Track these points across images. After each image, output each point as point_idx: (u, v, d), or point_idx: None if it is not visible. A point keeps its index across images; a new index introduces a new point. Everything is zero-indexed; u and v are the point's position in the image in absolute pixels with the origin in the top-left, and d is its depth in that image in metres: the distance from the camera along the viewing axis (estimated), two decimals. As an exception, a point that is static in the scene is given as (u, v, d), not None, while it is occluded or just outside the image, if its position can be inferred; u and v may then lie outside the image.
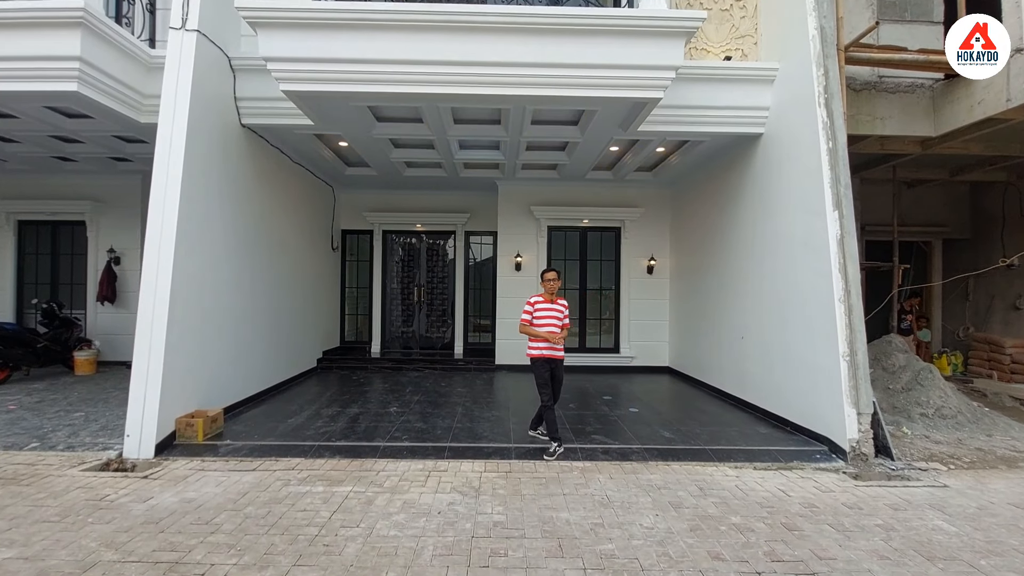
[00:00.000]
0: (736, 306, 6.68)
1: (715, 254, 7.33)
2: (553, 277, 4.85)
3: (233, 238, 5.90)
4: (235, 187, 5.93)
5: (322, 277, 9.10)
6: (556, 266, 9.12)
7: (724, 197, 7.11)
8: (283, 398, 6.59)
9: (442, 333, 10.28)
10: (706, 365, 7.62)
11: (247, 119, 5.96)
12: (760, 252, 6.13)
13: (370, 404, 6.31)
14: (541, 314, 4.79)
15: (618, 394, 7.22)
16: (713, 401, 6.82)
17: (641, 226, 9.18)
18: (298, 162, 7.69)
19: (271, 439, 4.86)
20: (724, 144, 6.69)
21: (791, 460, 4.66)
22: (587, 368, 9.04)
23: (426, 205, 9.97)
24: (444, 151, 7.26)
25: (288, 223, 7.48)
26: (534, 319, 4.78)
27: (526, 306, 4.86)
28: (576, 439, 4.99)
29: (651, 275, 9.17)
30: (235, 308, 5.93)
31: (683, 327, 8.59)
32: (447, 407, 6.22)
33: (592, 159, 7.59)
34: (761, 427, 5.57)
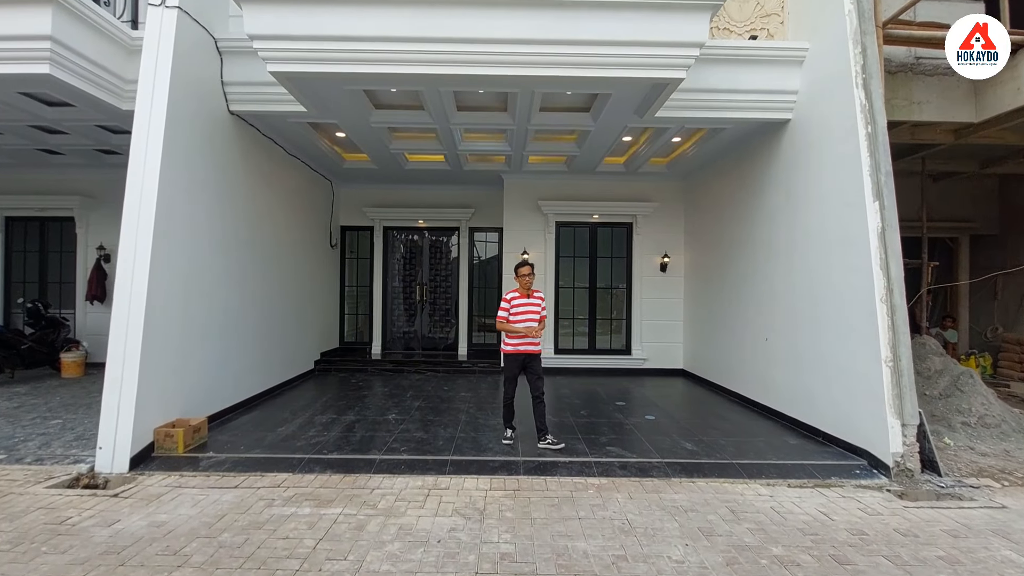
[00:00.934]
0: (759, 305, 6.23)
1: (735, 250, 6.88)
2: (528, 272, 4.78)
3: (221, 234, 5.51)
4: (223, 179, 5.54)
5: (320, 275, 8.71)
6: (565, 263, 8.78)
7: (745, 190, 6.66)
8: (276, 404, 6.21)
9: (445, 333, 9.88)
10: (725, 368, 7.18)
11: (235, 106, 5.56)
12: (787, 247, 5.68)
13: (368, 410, 5.91)
14: (518, 310, 4.76)
15: (632, 399, 6.79)
16: (734, 408, 6.38)
17: (654, 221, 8.73)
18: (293, 154, 7.30)
19: (258, 451, 4.47)
20: (747, 132, 6.23)
21: (828, 476, 4.22)
22: (597, 371, 8.61)
23: (429, 200, 9.57)
24: (447, 141, 6.84)
25: (283, 218, 7.09)
26: (511, 316, 4.76)
27: (502, 303, 4.86)
28: (590, 451, 4.57)
29: (664, 273, 8.73)
30: (223, 308, 5.55)
31: (699, 328, 8.14)
32: (449, 414, 5.81)
33: (604, 150, 7.15)
34: (790, 437, 5.13)
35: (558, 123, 6.16)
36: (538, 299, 4.87)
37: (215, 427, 5.15)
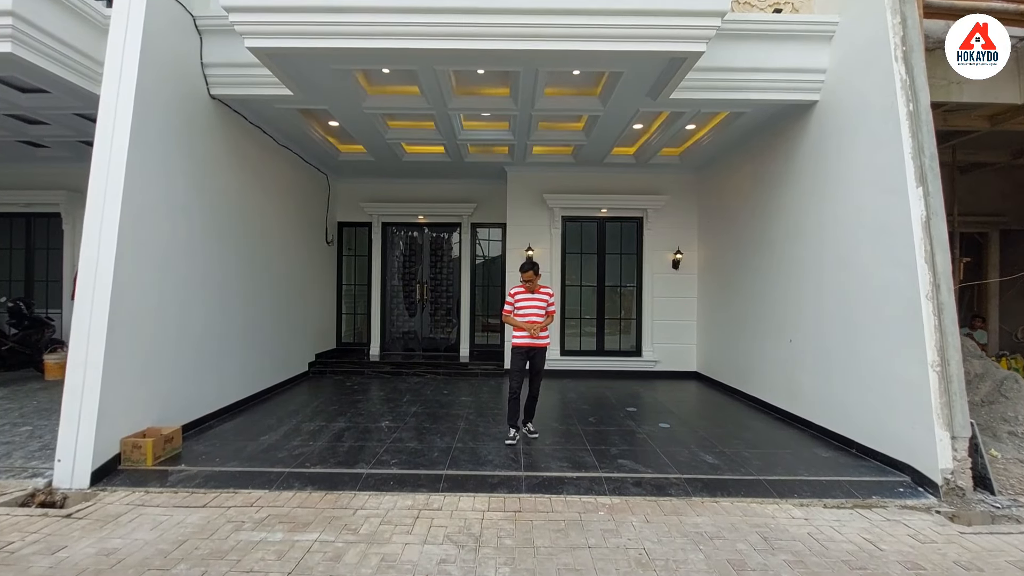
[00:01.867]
0: (783, 304, 5.76)
1: (755, 245, 6.41)
2: (530, 278, 4.72)
3: (202, 228, 5.12)
4: (204, 169, 5.15)
5: (315, 273, 8.33)
6: (571, 260, 8.34)
7: (766, 180, 6.19)
8: (263, 409, 5.81)
9: (447, 334, 9.47)
10: (744, 372, 6.70)
11: (217, 89, 5.18)
12: (815, 241, 5.21)
13: (360, 417, 5.50)
14: (522, 305, 4.74)
15: (643, 405, 6.34)
16: (756, 415, 5.90)
17: (666, 215, 8.26)
18: (285, 145, 6.92)
19: (234, 463, 4.07)
20: (769, 116, 5.76)
21: (868, 495, 3.75)
22: (606, 373, 8.16)
23: (429, 195, 9.16)
24: (446, 130, 6.43)
25: (273, 213, 6.70)
26: (516, 311, 4.75)
27: (508, 297, 4.86)
28: (600, 465, 4.13)
29: (677, 270, 8.26)
30: (204, 307, 5.16)
31: (714, 328, 7.67)
32: (447, 421, 5.39)
33: (613, 138, 6.70)
34: (820, 449, 4.66)
35: (564, 107, 5.72)
36: (544, 294, 4.78)
37: (194, 435, 4.76)
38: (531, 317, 4.69)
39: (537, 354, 4.75)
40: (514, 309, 4.77)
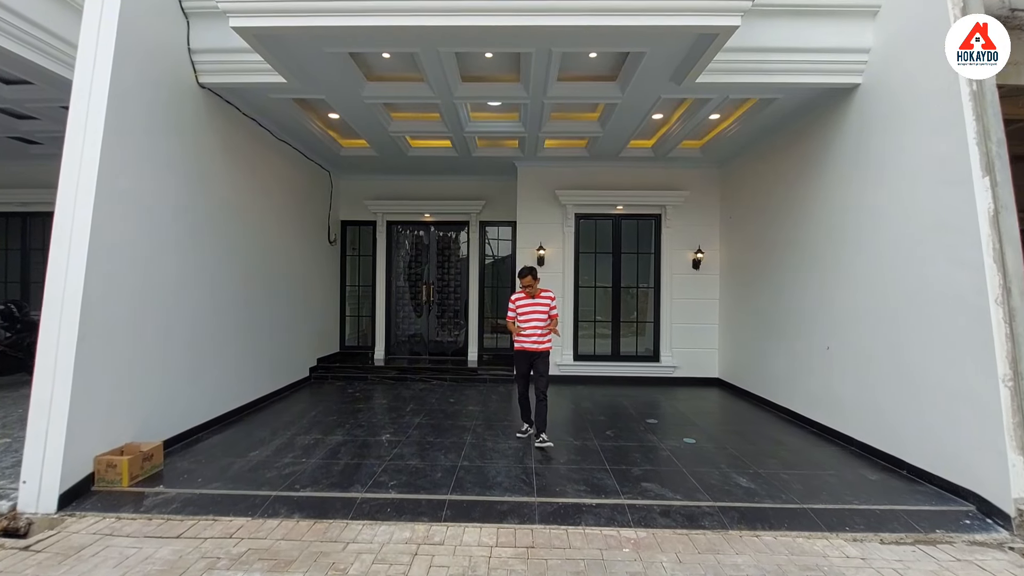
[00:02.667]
0: (818, 308, 5.28)
1: (785, 243, 5.93)
2: (529, 283, 4.76)
3: (191, 227, 4.78)
4: (192, 163, 4.80)
5: (317, 274, 7.98)
6: (585, 260, 7.92)
7: (797, 173, 5.71)
8: (258, 419, 5.46)
9: (454, 337, 9.07)
10: (773, 380, 6.22)
11: (206, 77, 4.83)
12: (856, 239, 4.73)
13: (359, 429, 5.12)
14: (524, 311, 4.78)
15: (664, 416, 5.88)
16: (788, 428, 5.43)
17: (686, 212, 7.79)
18: (283, 139, 6.56)
19: (217, 484, 3.70)
20: (802, 102, 5.29)
21: (931, 528, 3.28)
22: (622, 380, 7.71)
23: (435, 192, 8.77)
24: (452, 121, 6.03)
25: (271, 211, 6.35)
26: (518, 318, 4.80)
27: (509, 303, 4.93)
28: (622, 488, 3.69)
29: (697, 270, 7.78)
30: (193, 311, 4.81)
31: (738, 332, 7.18)
32: (453, 434, 4.99)
33: (631, 129, 6.25)
34: (867, 470, 4.18)
35: (579, 95, 5.28)
36: (546, 299, 4.80)
37: (179, 450, 4.42)
38: (533, 322, 4.74)
39: (539, 358, 4.78)
40: (516, 316, 4.82)
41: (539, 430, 4.67)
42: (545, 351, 4.79)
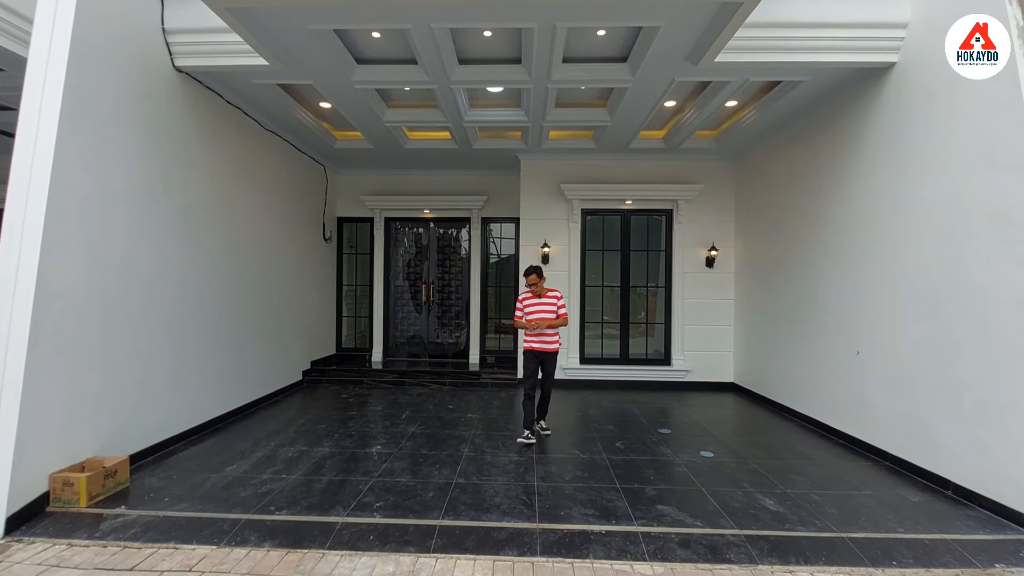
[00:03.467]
0: (847, 308, 4.85)
1: (809, 239, 5.50)
2: (534, 281, 4.81)
3: (168, 224, 4.43)
4: (170, 156, 4.45)
5: (311, 273, 7.62)
6: (592, 258, 7.52)
7: (822, 163, 5.28)
8: (241, 428, 5.11)
9: (455, 339, 8.69)
10: (794, 386, 5.79)
11: (182, 60, 4.47)
12: (891, 233, 4.30)
13: (348, 440, 4.76)
14: (531, 310, 4.81)
15: (677, 425, 5.47)
16: (812, 439, 5.00)
17: (698, 207, 7.36)
18: (272, 130, 6.21)
19: (185, 505, 3.34)
20: (830, 85, 4.86)
21: (989, 562, 2.85)
22: (631, 384, 7.31)
23: (435, 187, 8.40)
24: (450, 110, 5.65)
25: (261, 207, 6.00)
26: (526, 316, 4.80)
27: (517, 304, 4.94)
28: (635, 512, 3.30)
29: (711, 268, 7.36)
30: (171, 314, 4.47)
31: (755, 334, 6.75)
32: (450, 446, 4.61)
33: (642, 117, 5.84)
34: (906, 490, 3.76)
35: (586, 78, 4.88)
36: (552, 298, 4.83)
37: (152, 463, 4.07)
38: (539, 318, 4.73)
39: (547, 358, 4.81)
40: (524, 315, 4.81)
41: (540, 417, 4.97)
42: (553, 351, 4.82)
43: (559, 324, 4.75)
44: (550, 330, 4.76)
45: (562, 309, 4.79)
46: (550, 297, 4.81)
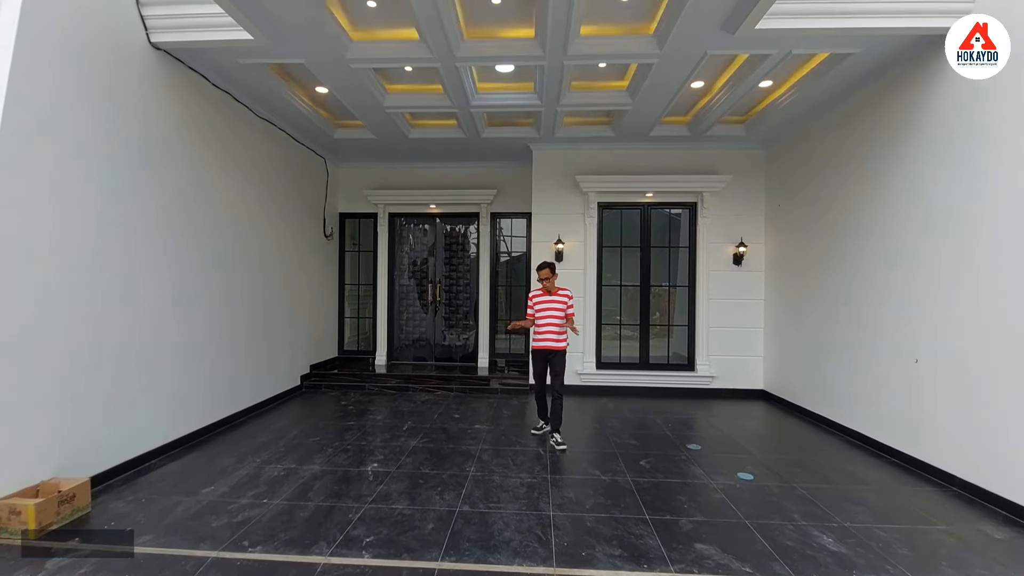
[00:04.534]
0: (904, 312, 4.29)
1: (855, 235, 4.94)
2: (547, 275, 4.73)
3: (145, 217, 4.01)
4: (142, 143, 4.02)
5: (311, 271, 7.20)
6: (610, 256, 7.00)
7: (871, 149, 4.71)
8: (227, 440, 4.68)
9: (463, 341, 8.23)
10: (836, 396, 5.23)
11: (159, 35, 4.05)
12: (960, 227, 3.74)
13: (343, 455, 4.30)
14: (540, 308, 4.79)
15: (707, 439, 4.94)
16: (862, 458, 4.44)
17: (725, 200, 6.81)
18: (266, 118, 5.78)
19: (148, 537, 2.90)
20: (885, 57, 4.30)
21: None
22: (651, 391, 6.79)
23: (442, 181, 7.93)
24: (456, 93, 5.17)
25: (254, 200, 5.58)
26: (537, 315, 4.79)
27: (528, 302, 4.92)
28: (670, 554, 2.78)
29: (739, 266, 6.80)
30: (147, 313, 4.04)
31: (789, 338, 6.19)
32: (454, 463, 4.14)
33: (666, 99, 5.31)
34: (986, 523, 3.21)
35: (607, 51, 4.36)
36: (564, 296, 4.78)
37: (123, 482, 3.65)
38: (550, 321, 4.72)
39: (555, 357, 4.75)
40: (535, 314, 4.79)
41: (553, 428, 4.69)
42: (561, 350, 4.75)
43: (570, 325, 4.63)
44: (557, 329, 4.71)
45: (570, 309, 4.76)
46: (560, 296, 4.76)
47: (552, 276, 4.72)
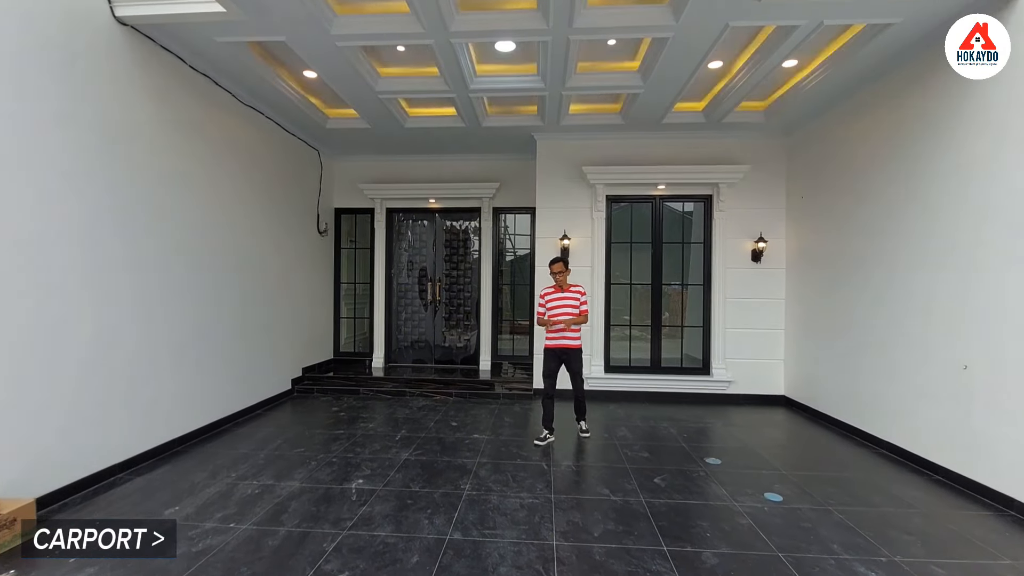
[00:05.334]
0: (951, 315, 3.84)
1: (894, 229, 4.48)
2: (560, 269, 4.66)
3: (110, 210, 3.66)
4: (105, 128, 3.67)
5: (303, 270, 6.84)
6: (619, 252, 6.58)
7: (907, 133, 4.26)
8: (203, 451, 4.32)
9: (464, 342, 7.84)
10: (868, 404, 4.77)
11: (124, 8, 3.69)
12: (1019, 221, 3.29)
13: (326, 470, 3.93)
14: (553, 305, 4.68)
15: (726, 452, 4.51)
16: (900, 474, 4.00)
17: (743, 192, 6.36)
18: (251, 105, 5.42)
19: (90, 571, 2.54)
20: (930, 27, 3.85)
21: None
22: (663, 396, 6.36)
23: (441, 174, 7.55)
24: (454, 76, 4.79)
25: (236, 193, 5.22)
26: (548, 313, 4.66)
27: (539, 299, 4.81)
28: (691, 596, 2.38)
29: (758, 263, 6.35)
30: (113, 315, 3.69)
31: (814, 340, 5.73)
32: (448, 479, 3.75)
33: (681, 80, 4.88)
34: (1062, 560, 2.76)
35: (616, 24, 3.94)
36: (576, 292, 4.68)
37: (81, 500, 3.31)
38: (562, 316, 4.58)
39: (571, 356, 4.65)
40: (547, 311, 4.66)
41: (579, 418, 4.86)
42: (577, 348, 4.66)
43: (580, 321, 4.61)
44: (572, 326, 4.62)
45: (583, 305, 4.66)
46: (573, 292, 4.67)
47: (565, 271, 4.66)
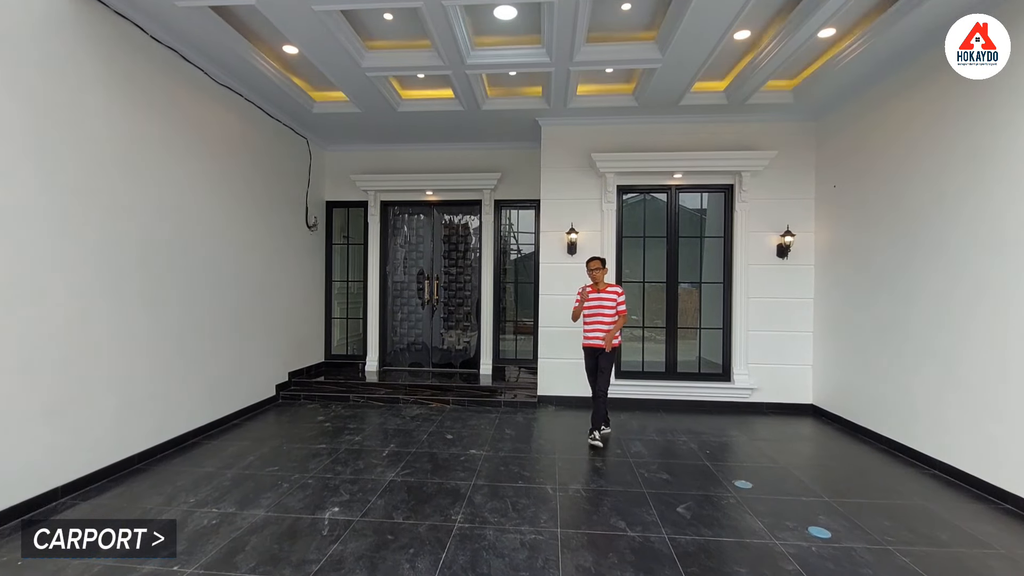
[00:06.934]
0: (1009, 319, 3.29)
1: (952, 222, 3.92)
2: (597, 267, 4.55)
3: (45, 201, 3.17)
4: (50, 107, 3.19)
5: (291, 267, 6.35)
6: (631, 247, 6.07)
7: (963, 118, 3.70)
8: (164, 469, 3.84)
9: (463, 345, 7.33)
10: (915, 417, 4.22)
11: (64, -37, 3.20)
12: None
13: (298, 494, 3.43)
14: (588, 304, 4.58)
15: (756, 472, 3.97)
16: (963, 501, 3.45)
17: (768, 181, 5.81)
18: (227, 85, 4.94)
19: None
20: (998, -17, 3.31)
21: None
22: (680, 405, 5.83)
23: (439, 164, 7.05)
24: (448, 49, 4.28)
25: (211, 184, 4.74)
26: (585, 310, 4.61)
27: (578, 291, 4.67)
28: None
29: (784, 259, 5.80)
30: (74, 314, 3.21)
31: (847, 344, 5.17)
32: (438, 508, 3.24)
33: (704, 53, 4.35)
34: None
35: (633, -17, 3.42)
36: (612, 293, 4.54)
37: (11, 532, 2.82)
38: (599, 318, 4.54)
39: (600, 355, 4.58)
40: (583, 305, 4.60)
41: (594, 427, 4.54)
42: (604, 348, 4.52)
43: (621, 324, 4.53)
44: (607, 327, 4.51)
45: (621, 306, 4.54)
46: (610, 293, 4.55)
47: (603, 269, 4.57)
